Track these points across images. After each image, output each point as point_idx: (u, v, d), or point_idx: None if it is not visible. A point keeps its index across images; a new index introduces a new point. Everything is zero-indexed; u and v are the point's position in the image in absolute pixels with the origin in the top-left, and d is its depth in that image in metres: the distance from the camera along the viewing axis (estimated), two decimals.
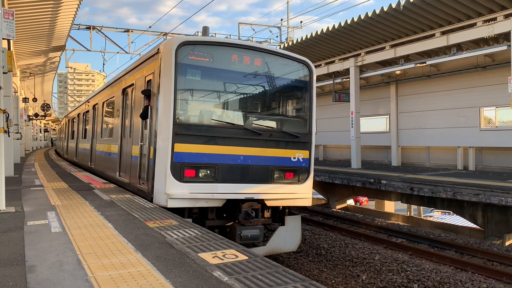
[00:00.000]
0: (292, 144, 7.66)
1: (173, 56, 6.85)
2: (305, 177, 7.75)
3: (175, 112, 6.85)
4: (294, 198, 7.67)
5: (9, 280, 3.26)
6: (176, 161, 6.80)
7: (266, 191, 7.36)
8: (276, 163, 7.49)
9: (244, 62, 7.48)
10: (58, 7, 13.65)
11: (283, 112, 8.25)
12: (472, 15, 12.81)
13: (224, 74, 7.45)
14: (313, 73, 8.07)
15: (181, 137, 6.85)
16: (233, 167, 7.14)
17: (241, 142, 7.23)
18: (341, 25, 15.26)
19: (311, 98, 8.06)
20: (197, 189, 6.90)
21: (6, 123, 6.49)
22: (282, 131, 7.68)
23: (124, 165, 9.28)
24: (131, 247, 4.23)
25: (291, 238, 7.93)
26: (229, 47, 7.38)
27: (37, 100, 30.79)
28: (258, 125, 7.61)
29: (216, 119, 7.43)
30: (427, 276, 7.43)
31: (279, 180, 7.53)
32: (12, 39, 6.81)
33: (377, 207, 18.65)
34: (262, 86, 7.82)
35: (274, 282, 3.19)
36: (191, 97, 7.35)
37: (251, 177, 7.28)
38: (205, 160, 6.97)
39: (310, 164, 7.82)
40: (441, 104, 16.40)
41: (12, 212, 6.13)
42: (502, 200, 9.53)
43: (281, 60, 7.92)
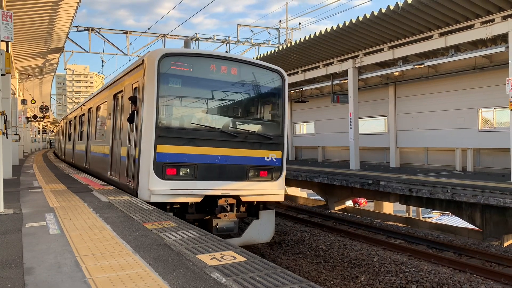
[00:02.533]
0: (266, 145, 8.38)
1: (156, 66, 7.57)
2: (278, 175, 8.47)
3: (157, 116, 7.59)
4: (267, 194, 8.41)
5: (7, 282, 3.26)
6: (159, 161, 7.51)
7: (241, 187, 8.08)
8: (251, 163, 8.22)
9: (222, 71, 8.22)
10: (56, 9, 13.66)
11: (257, 116, 8.94)
12: (470, 17, 12.85)
13: (203, 82, 8.17)
14: (285, 81, 8.80)
15: (163, 139, 7.56)
16: (211, 166, 7.86)
17: (219, 144, 7.95)
18: (339, 27, 15.29)
19: (283, 103, 8.74)
20: (177, 186, 7.59)
21: (4, 125, 6.49)
22: (257, 134, 8.47)
23: (114, 165, 9.95)
24: (129, 248, 4.22)
25: (265, 230, 8.68)
26: (207, 58, 8.18)
27: (36, 102, 30.77)
28: (234, 128, 8.37)
29: (196, 122, 8.09)
30: (425, 277, 7.44)
31: (253, 178, 8.24)
32: (10, 41, 6.82)
33: (376, 208, 18.66)
34: (238, 92, 8.55)
35: (272, 284, 3.20)
36: (173, 103, 8.05)
37: (227, 175, 7.99)
38: (185, 160, 7.69)
39: (283, 164, 8.53)
40: (440, 105, 16.43)
41: (10, 214, 6.12)
42: (501, 201, 9.55)
43: (256, 69, 8.63)
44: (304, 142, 25.01)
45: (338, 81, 18.83)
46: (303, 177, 16.29)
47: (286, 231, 11.31)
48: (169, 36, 23.45)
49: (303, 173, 16.36)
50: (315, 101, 23.30)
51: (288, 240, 10.58)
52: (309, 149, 24.81)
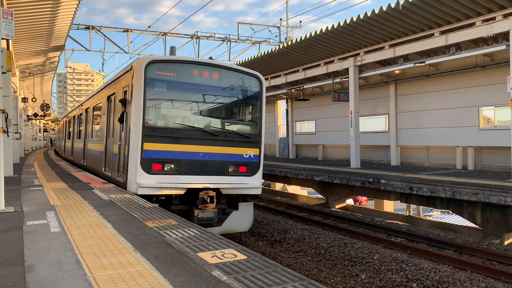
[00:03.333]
0: (244, 143, 9.14)
1: (143, 72, 8.34)
2: (256, 170, 9.26)
3: (144, 117, 8.35)
4: (245, 187, 9.14)
5: (8, 280, 3.26)
6: (145, 157, 8.28)
7: (221, 182, 8.83)
8: (230, 159, 8.98)
9: (204, 76, 8.97)
10: (57, 7, 13.65)
11: (236, 117, 9.67)
12: (471, 15, 12.82)
13: (186, 86, 8.93)
14: (263, 84, 9.53)
15: (149, 138, 8.33)
16: (193, 162, 8.61)
17: (200, 142, 8.72)
18: (340, 25, 15.27)
19: (261, 105, 9.49)
20: (162, 180, 8.35)
21: (5, 123, 6.50)
22: (236, 133, 9.21)
23: (108, 161, 10.69)
24: (130, 246, 4.23)
25: (243, 220, 9.46)
26: (190, 64, 8.92)
27: (37, 100, 30.77)
28: (215, 127, 9.07)
29: (179, 123, 8.81)
30: (426, 275, 7.44)
31: (233, 173, 9.00)
32: (11, 39, 6.81)
33: (377, 206, 18.66)
34: (219, 95, 9.29)
35: (273, 282, 3.20)
36: (158, 105, 8.77)
37: (208, 170, 8.74)
38: (169, 156, 8.44)
39: (260, 160, 9.33)
40: (440, 104, 16.41)
41: (11, 212, 6.13)
42: (501, 200, 9.55)
43: (236, 74, 9.42)
44: (305, 140, 25.00)
45: (339, 79, 18.81)
46: (303, 176, 16.30)
47: (286, 229, 11.32)
48: (170, 34, 23.42)
49: (303, 171, 16.37)
50: (316, 100, 23.28)
51: (289, 238, 10.59)
52: (309, 147, 24.80)
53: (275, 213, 14.03)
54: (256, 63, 21.72)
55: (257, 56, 21.14)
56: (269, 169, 18.48)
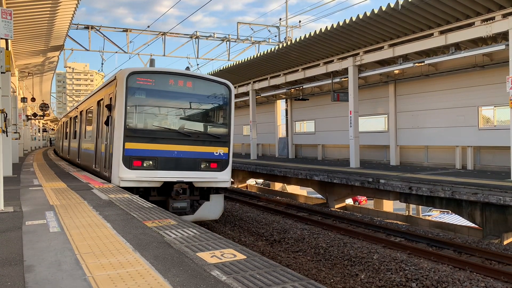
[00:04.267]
0: (215, 143, 10.29)
1: (125, 81, 9.52)
2: (225, 166, 10.40)
3: (125, 120, 9.49)
4: (216, 181, 10.26)
5: (7, 279, 3.26)
6: (127, 155, 9.43)
7: (193, 176, 9.94)
8: (202, 157, 10.12)
9: (179, 84, 10.13)
10: (56, 6, 13.63)
11: (208, 120, 10.77)
12: (471, 15, 12.83)
13: (163, 93, 10.07)
14: (232, 91, 10.68)
15: (130, 138, 9.47)
16: (169, 159, 9.72)
17: (175, 142, 9.83)
18: (339, 25, 15.27)
19: (230, 109, 10.62)
20: (142, 174, 9.49)
21: (4, 123, 6.49)
22: (207, 134, 10.34)
23: (97, 158, 11.90)
24: (129, 246, 4.23)
25: (214, 210, 10.52)
26: (167, 74, 10.03)
27: (36, 100, 30.76)
28: (188, 129, 10.16)
29: (157, 125, 9.97)
30: (425, 275, 7.44)
31: (204, 168, 10.12)
32: (10, 38, 6.80)
33: (376, 206, 18.68)
34: (192, 101, 10.45)
35: (272, 281, 3.20)
36: (138, 110, 9.88)
37: (182, 166, 9.83)
38: (148, 154, 9.60)
39: (229, 157, 10.46)
40: (440, 104, 16.42)
41: (11, 212, 6.12)
42: (501, 199, 9.56)
43: (207, 82, 10.57)
44: (304, 140, 25.01)
45: (338, 79, 18.82)
46: (303, 175, 16.30)
47: (286, 229, 11.32)
48: (169, 34, 23.42)
49: (303, 171, 16.37)
50: (315, 99, 23.28)
51: (288, 238, 10.59)
52: (309, 147, 24.81)
53: (274, 213, 14.03)
54: (253, 64, 21.73)
55: (256, 56, 21.13)
56: (269, 169, 18.47)
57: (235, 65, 23.37)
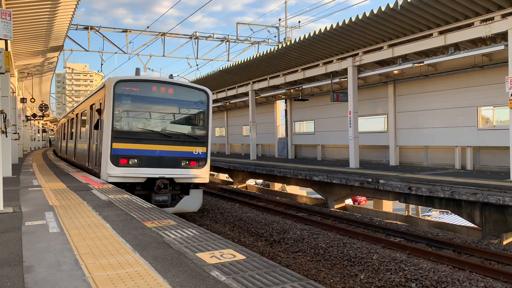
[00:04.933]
0: (194, 143, 11.38)
1: (112, 89, 10.64)
2: (203, 164, 11.47)
3: (113, 123, 10.60)
4: (194, 177, 11.35)
5: (6, 280, 3.26)
6: (114, 154, 10.53)
7: (174, 173, 11.02)
8: (182, 155, 11.18)
9: (161, 91, 11.24)
10: (55, 7, 13.63)
11: (188, 123, 11.77)
12: (470, 15, 12.84)
13: (147, 99, 11.16)
14: (209, 97, 11.78)
15: (117, 139, 10.58)
16: (152, 158, 10.82)
17: (158, 142, 10.93)
18: (339, 25, 15.28)
19: (208, 113, 11.70)
20: (127, 171, 10.60)
21: (3, 123, 6.49)
22: (187, 135, 11.40)
23: (89, 157, 13.07)
24: (129, 247, 4.23)
25: (193, 203, 11.66)
26: (150, 82, 11.21)
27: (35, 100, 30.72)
28: (170, 131, 11.24)
29: (141, 127, 11.03)
30: (425, 275, 7.45)
31: (184, 166, 11.17)
32: (9, 39, 6.81)
33: (375, 206, 18.68)
34: (173, 106, 11.51)
35: (271, 282, 3.20)
36: (124, 114, 10.94)
37: (164, 164, 10.91)
38: (133, 153, 10.69)
39: (207, 156, 11.55)
40: (439, 104, 16.43)
41: (10, 213, 6.12)
42: (500, 199, 9.56)
43: (187, 89, 11.70)
44: (304, 140, 25.01)
45: (337, 80, 18.82)
46: (302, 176, 16.30)
47: (285, 229, 11.32)
48: (168, 35, 23.42)
49: (302, 171, 16.37)
50: (315, 100, 23.29)
51: (288, 239, 10.59)
52: (308, 147, 24.81)
53: (274, 213, 14.03)
54: (252, 64, 21.74)
55: (256, 56, 21.14)
56: (268, 170, 18.48)
57: (235, 65, 23.37)
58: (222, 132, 36.25)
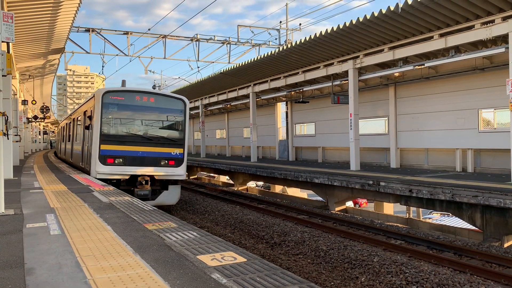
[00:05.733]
0: (172, 145, 12.95)
1: (100, 99, 12.32)
2: (180, 163, 13.00)
3: (101, 128, 12.26)
4: (172, 175, 12.92)
5: (8, 282, 3.27)
6: (102, 154, 12.18)
7: (154, 171, 12.61)
8: (161, 156, 12.75)
9: (144, 100, 12.83)
10: (57, 9, 13.67)
11: (167, 127, 13.30)
12: (470, 18, 12.85)
13: (131, 107, 12.79)
14: (186, 105, 13.38)
15: (105, 141, 12.24)
16: (135, 157, 12.43)
17: (140, 144, 12.57)
18: (339, 28, 15.30)
19: (184, 119, 13.33)
20: (114, 169, 12.20)
21: (5, 125, 6.50)
22: (166, 138, 13.02)
23: (83, 157, 14.71)
24: (130, 249, 4.23)
25: (171, 197, 13.21)
26: (134, 92, 12.85)
27: (36, 102, 30.79)
28: (151, 134, 12.89)
29: (125, 131, 12.71)
30: (425, 278, 7.44)
31: (163, 165, 12.73)
32: (11, 41, 6.83)
33: (376, 209, 18.66)
34: (154, 113, 13.09)
35: (272, 285, 3.21)
36: (111, 119, 12.55)
37: (146, 163, 12.52)
38: (118, 154, 12.29)
39: (184, 156, 13.08)
40: (440, 106, 16.43)
41: (11, 215, 6.13)
42: (501, 202, 9.55)
43: (167, 98, 13.37)
44: (304, 142, 25.02)
45: (338, 82, 18.83)
46: (303, 178, 16.30)
47: (286, 231, 11.32)
48: (170, 37, 23.46)
49: (303, 173, 16.37)
50: (316, 102, 23.30)
51: (288, 241, 10.59)
52: (309, 149, 24.81)
53: (274, 215, 14.02)
54: (253, 66, 21.77)
55: (257, 59, 21.17)
56: (269, 172, 18.48)
57: (236, 67, 23.40)
58: (223, 134, 36.27)
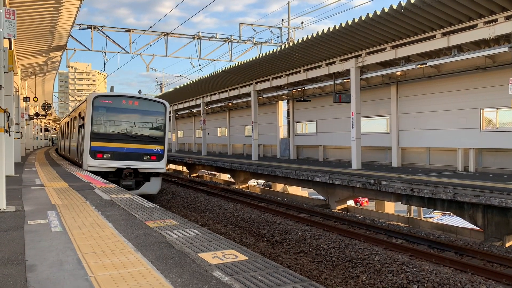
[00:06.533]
0: (154, 142, 14.88)
1: (91, 102, 14.27)
2: (161, 158, 14.91)
3: (92, 127, 14.14)
4: (154, 168, 14.79)
5: (9, 279, 3.27)
6: (92, 150, 14.06)
7: (138, 164, 14.46)
8: (144, 151, 14.63)
9: (129, 103, 14.79)
10: (59, 6, 13.66)
11: (149, 127, 15.20)
12: (473, 17, 12.81)
13: (118, 109, 14.67)
14: (166, 107, 15.34)
15: (95, 139, 14.11)
16: (121, 153, 14.26)
17: (126, 141, 14.38)
18: (342, 26, 15.26)
19: (165, 119, 15.23)
20: (102, 163, 14.04)
21: (7, 122, 6.50)
22: (148, 136, 14.94)
23: (77, 152, 16.73)
24: (131, 247, 4.23)
25: (153, 188, 15.13)
26: (120, 97, 14.83)
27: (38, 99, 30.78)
28: (135, 133, 14.77)
29: (113, 130, 14.52)
30: (426, 277, 7.43)
31: (146, 159, 14.60)
32: (13, 38, 6.82)
33: (377, 208, 18.65)
34: (138, 114, 14.96)
35: (274, 283, 3.20)
36: (100, 120, 14.38)
37: (130, 158, 14.34)
38: (107, 149, 14.13)
39: (164, 152, 14.99)
40: (442, 105, 16.40)
41: (13, 212, 6.14)
42: (502, 202, 9.53)
43: (149, 101, 15.51)
44: (306, 141, 25.00)
45: (340, 81, 18.80)
46: (304, 177, 16.29)
47: (287, 230, 11.31)
48: (171, 35, 23.45)
49: (304, 172, 16.36)
50: (317, 101, 23.28)
51: (289, 239, 10.59)
52: (310, 148, 24.80)
53: (275, 214, 14.02)
54: (255, 64, 21.74)
55: (258, 57, 21.14)
56: (270, 170, 18.47)
57: (237, 65, 23.38)
58: (224, 132, 36.26)
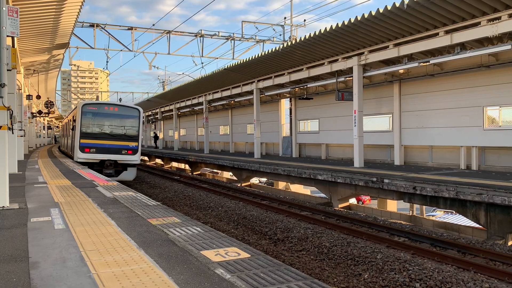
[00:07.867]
0: (130, 140, 19.04)
1: (80, 109, 18.51)
2: (136, 152, 19.07)
3: (81, 128, 18.29)
4: (130, 160, 18.94)
5: (12, 276, 3.28)
6: (81, 145, 18.17)
7: (117, 157, 18.54)
8: (122, 147, 18.72)
9: (110, 109, 19.08)
10: (62, 4, 13.68)
11: (126, 128, 19.21)
12: (476, 14, 12.75)
13: (102, 114, 18.85)
14: (140, 112, 19.71)
15: (83, 137, 18.22)
16: (104, 148, 18.41)
17: (108, 139, 18.60)
18: (344, 24, 15.22)
19: (139, 121, 19.53)
20: (89, 156, 18.14)
21: (10, 120, 6.52)
22: (125, 135, 19.04)
23: (72, 148, 20.16)
24: (133, 244, 4.24)
25: (130, 175, 19.20)
26: (104, 104, 19.21)
27: (41, 97, 30.88)
28: (115, 132, 18.92)
29: (97, 130, 18.61)
30: (429, 275, 7.43)
31: (124, 153, 18.69)
32: (16, 36, 6.84)
33: (380, 206, 18.63)
34: (118, 118, 19.14)
35: (276, 280, 3.20)
36: (88, 123, 18.58)
37: (111, 152, 18.49)
38: (93, 145, 18.27)
39: (138, 148, 19.19)
40: (445, 103, 16.35)
41: (16, 209, 6.16)
42: (505, 200, 9.51)
43: (126, 108, 19.56)
44: (308, 139, 24.98)
45: (342, 79, 18.77)
46: (306, 175, 16.28)
47: (289, 228, 11.32)
48: (174, 33, 23.44)
49: (306, 170, 16.36)
50: (320, 98, 23.25)
51: (292, 237, 10.60)
52: (312, 146, 24.78)
53: (277, 211, 14.03)
54: (257, 62, 21.73)
55: (261, 55, 21.13)
56: (272, 168, 18.48)
57: (240, 63, 23.36)
58: (226, 130, 36.27)
